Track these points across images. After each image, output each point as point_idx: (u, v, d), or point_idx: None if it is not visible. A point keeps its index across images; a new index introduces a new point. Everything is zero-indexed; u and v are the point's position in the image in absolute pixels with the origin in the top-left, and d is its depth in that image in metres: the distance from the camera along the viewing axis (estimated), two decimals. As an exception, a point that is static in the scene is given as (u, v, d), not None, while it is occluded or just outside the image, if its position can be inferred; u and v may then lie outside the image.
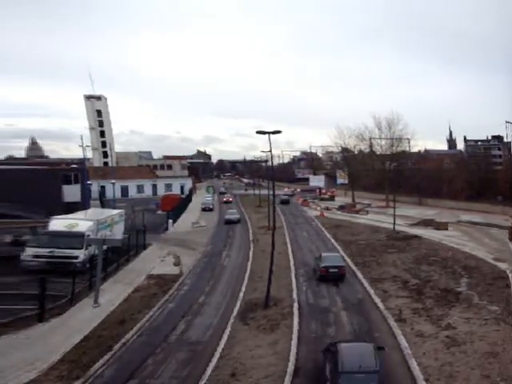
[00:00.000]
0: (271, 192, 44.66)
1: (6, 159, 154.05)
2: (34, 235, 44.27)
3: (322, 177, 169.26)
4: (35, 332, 26.51)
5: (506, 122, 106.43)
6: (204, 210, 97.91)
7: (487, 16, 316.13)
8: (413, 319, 28.78)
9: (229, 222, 78.27)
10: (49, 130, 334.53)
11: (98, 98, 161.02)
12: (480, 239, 58.24)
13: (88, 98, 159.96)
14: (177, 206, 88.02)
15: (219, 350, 24.68)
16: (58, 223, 43.06)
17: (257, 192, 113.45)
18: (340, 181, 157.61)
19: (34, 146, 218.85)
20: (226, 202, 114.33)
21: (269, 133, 34.85)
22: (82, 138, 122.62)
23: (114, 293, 35.07)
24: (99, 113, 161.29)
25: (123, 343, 25.73)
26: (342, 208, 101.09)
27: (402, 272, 41.33)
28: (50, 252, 38.66)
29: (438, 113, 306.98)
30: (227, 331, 27.50)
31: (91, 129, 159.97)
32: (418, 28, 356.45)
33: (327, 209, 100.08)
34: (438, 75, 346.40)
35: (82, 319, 29.01)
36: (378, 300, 33.21)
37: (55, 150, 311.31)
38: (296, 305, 32.30)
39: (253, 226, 73.38)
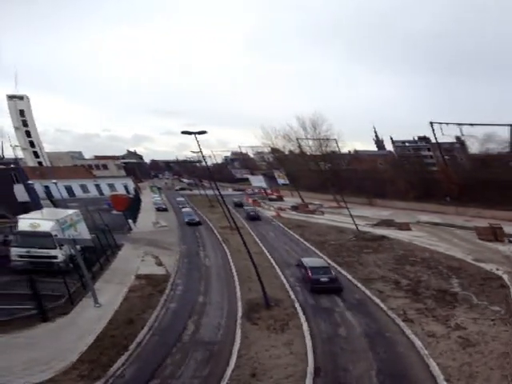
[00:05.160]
0: (216, 192, 44.67)
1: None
2: (13, 235, 42.92)
3: (261, 177, 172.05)
4: (41, 332, 26.14)
5: (430, 122, 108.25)
6: (158, 209, 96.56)
7: (414, 17, 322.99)
8: (420, 320, 29.19)
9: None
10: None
11: (21, 97, 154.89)
12: (449, 240, 59.08)
13: (11, 97, 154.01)
14: (129, 206, 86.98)
15: (235, 349, 24.67)
16: (24, 223, 42.10)
17: (203, 192, 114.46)
18: (281, 181, 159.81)
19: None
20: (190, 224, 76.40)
21: (194, 133, 35.00)
22: (9, 139, 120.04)
23: (110, 293, 34.55)
24: (22, 112, 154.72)
25: (138, 343, 25.51)
26: (295, 208, 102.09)
27: (388, 272, 41.90)
28: (27, 252, 37.99)
29: (361, 114, 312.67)
30: (239, 331, 27.45)
31: (16, 128, 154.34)
32: (343, 28, 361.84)
33: (281, 209, 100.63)
34: (363, 76, 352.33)
35: (88, 319, 28.67)
36: (377, 300, 33.56)
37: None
38: (298, 305, 32.44)
39: (215, 226, 72.73)
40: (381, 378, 21.59)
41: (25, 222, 42.11)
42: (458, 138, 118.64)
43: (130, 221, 72.37)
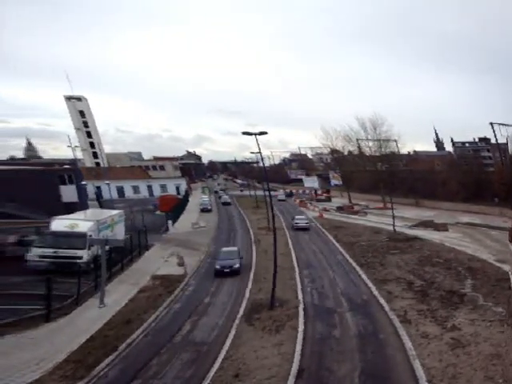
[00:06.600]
0: (267, 193, 44.72)
1: (6, 160, 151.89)
2: (38, 235, 43.67)
3: (315, 178, 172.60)
4: (42, 332, 26.55)
5: (491, 123, 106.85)
6: (202, 210, 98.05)
7: (472, 18, 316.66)
8: (418, 320, 28.89)
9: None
10: (32, 129, 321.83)
11: (79, 98, 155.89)
12: (481, 241, 58.48)
13: (68, 98, 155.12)
14: (175, 207, 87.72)
15: (224, 350, 24.74)
16: (59, 223, 42.69)
17: (252, 193, 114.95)
18: (334, 182, 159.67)
19: (29, 146, 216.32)
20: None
21: (255, 134, 34.90)
22: (69, 139, 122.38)
23: (119, 293, 34.94)
24: (82, 113, 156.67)
25: (128, 343, 25.73)
26: (340, 209, 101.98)
27: (406, 273, 41.46)
28: (55, 252, 38.58)
29: (421, 115, 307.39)
30: (232, 332, 27.55)
31: (77, 129, 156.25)
32: (402, 29, 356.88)
33: (325, 210, 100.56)
34: (422, 77, 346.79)
35: (88, 319, 29.04)
36: (383, 301, 33.26)
37: (45, 150, 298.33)
38: (301, 306, 32.34)
39: (253, 226, 73.31)
40: (363, 378, 21.41)
41: (60, 223, 42.82)
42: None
43: (170, 221, 73.06)
